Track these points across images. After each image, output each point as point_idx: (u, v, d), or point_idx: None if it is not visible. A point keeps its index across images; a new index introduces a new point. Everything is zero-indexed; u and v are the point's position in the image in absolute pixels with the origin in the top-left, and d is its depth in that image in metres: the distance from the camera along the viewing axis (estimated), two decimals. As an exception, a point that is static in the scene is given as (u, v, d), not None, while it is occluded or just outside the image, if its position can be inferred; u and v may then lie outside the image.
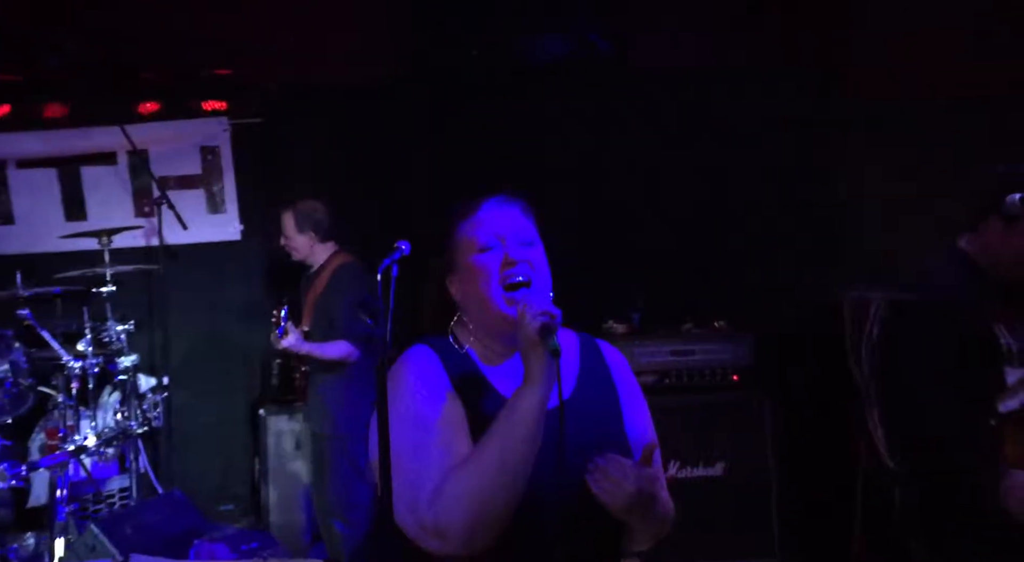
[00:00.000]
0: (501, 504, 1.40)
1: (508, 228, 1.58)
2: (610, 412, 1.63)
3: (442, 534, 1.40)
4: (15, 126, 4.48)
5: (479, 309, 1.58)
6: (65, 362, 3.55)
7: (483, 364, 1.59)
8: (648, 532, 1.59)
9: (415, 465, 1.44)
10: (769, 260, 4.34)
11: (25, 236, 4.46)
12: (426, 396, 1.51)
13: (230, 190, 4.69)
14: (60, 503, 3.55)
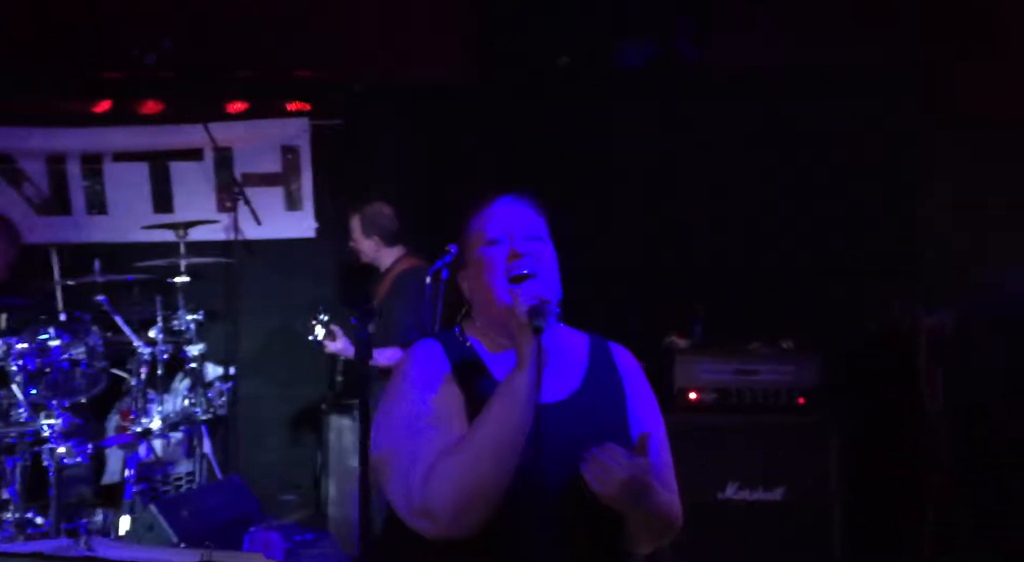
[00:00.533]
0: (489, 485, 1.41)
1: (517, 223, 1.60)
2: (615, 412, 1.62)
3: (431, 514, 1.42)
4: (113, 121, 4.72)
5: (484, 301, 1.60)
6: (136, 347, 3.71)
7: (484, 352, 1.62)
8: (647, 530, 1.57)
9: (409, 449, 1.46)
10: (845, 277, 4.14)
11: (117, 226, 4.70)
12: (424, 384, 1.54)
13: (307, 189, 4.81)
14: (128, 482, 3.72)
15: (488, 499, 1.42)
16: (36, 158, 4.61)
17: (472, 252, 1.62)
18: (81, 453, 3.24)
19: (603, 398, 1.62)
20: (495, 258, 1.58)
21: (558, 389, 1.59)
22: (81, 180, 4.67)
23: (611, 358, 1.70)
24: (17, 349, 3.36)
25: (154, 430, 3.61)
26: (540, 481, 1.48)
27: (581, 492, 1.46)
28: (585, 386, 1.62)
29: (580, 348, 1.69)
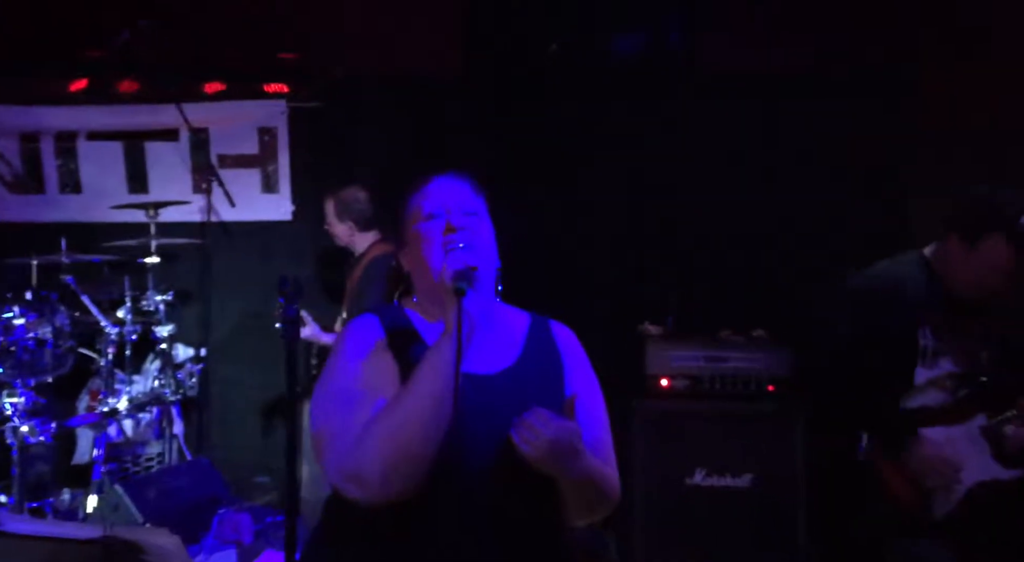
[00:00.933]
0: (416, 448, 1.43)
1: (453, 199, 1.64)
2: (552, 387, 1.64)
3: (359, 479, 1.44)
4: (90, 100, 4.68)
5: (421, 273, 1.63)
6: (104, 327, 3.69)
7: (420, 321, 1.65)
8: (579, 499, 1.59)
9: (340, 419, 1.49)
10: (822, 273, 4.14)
11: (90, 206, 4.66)
12: (356, 355, 1.57)
13: (284, 171, 4.78)
14: (97, 462, 3.71)
15: (416, 462, 1.44)
16: (9, 136, 4.57)
17: (410, 228, 1.65)
18: (45, 432, 3.23)
19: (540, 373, 1.64)
20: (432, 231, 1.60)
21: (494, 362, 1.61)
22: (55, 159, 4.63)
23: (551, 335, 1.72)
24: (-20, 327, 3.34)
25: (121, 410, 3.59)
26: (472, 453, 1.49)
27: (515, 464, 1.48)
28: (522, 360, 1.64)
29: (519, 325, 1.71)
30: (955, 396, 2.39)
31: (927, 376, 2.37)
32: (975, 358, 2.40)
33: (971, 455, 2.36)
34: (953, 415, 2.39)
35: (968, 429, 2.38)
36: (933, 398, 2.39)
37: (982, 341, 2.40)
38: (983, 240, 2.25)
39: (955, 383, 2.39)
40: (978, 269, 2.29)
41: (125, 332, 3.78)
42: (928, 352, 2.35)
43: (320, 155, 4.77)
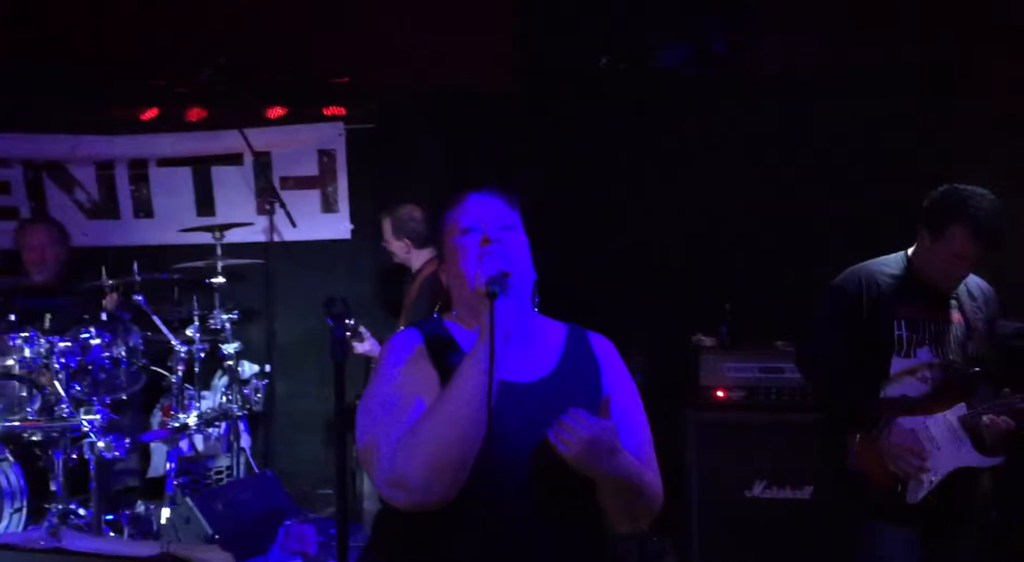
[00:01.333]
0: (455, 451, 1.47)
1: (490, 214, 1.68)
2: (590, 393, 1.67)
3: (402, 483, 1.48)
4: (161, 127, 4.90)
5: (459, 286, 1.67)
6: (174, 346, 3.85)
7: (458, 331, 1.70)
8: (620, 503, 1.60)
9: (383, 427, 1.53)
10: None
11: (162, 229, 4.88)
12: (397, 365, 1.61)
13: (343, 191, 4.92)
14: (170, 475, 3.86)
15: (457, 464, 1.47)
16: (86, 164, 4.82)
17: (447, 242, 1.70)
18: (120, 448, 3.38)
19: (578, 381, 1.67)
20: (468, 244, 1.65)
21: (532, 370, 1.65)
22: (128, 185, 4.87)
23: (588, 345, 1.74)
24: (60, 347, 3.53)
25: (191, 426, 3.74)
26: (514, 462, 1.52)
27: (556, 471, 1.51)
28: (559, 369, 1.67)
29: (557, 334, 1.74)
30: (934, 386, 2.52)
31: (904, 366, 2.51)
32: (953, 348, 2.53)
33: (949, 444, 2.47)
34: (932, 404, 2.50)
35: (947, 418, 2.48)
36: (913, 388, 2.52)
37: (960, 332, 2.54)
38: (947, 230, 2.43)
39: (934, 373, 2.52)
40: (944, 257, 2.46)
41: (194, 350, 3.93)
42: (904, 342, 2.51)
43: (376, 174, 4.90)
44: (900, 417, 2.44)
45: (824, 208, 4.28)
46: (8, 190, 4.71)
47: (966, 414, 2.46)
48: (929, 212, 2.49)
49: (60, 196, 4.78)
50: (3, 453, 3.44)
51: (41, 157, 4.74)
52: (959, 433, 2.46)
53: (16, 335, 3.51)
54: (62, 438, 3.44)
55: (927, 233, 2.49)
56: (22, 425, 3.50)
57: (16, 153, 4.70)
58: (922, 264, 2.53)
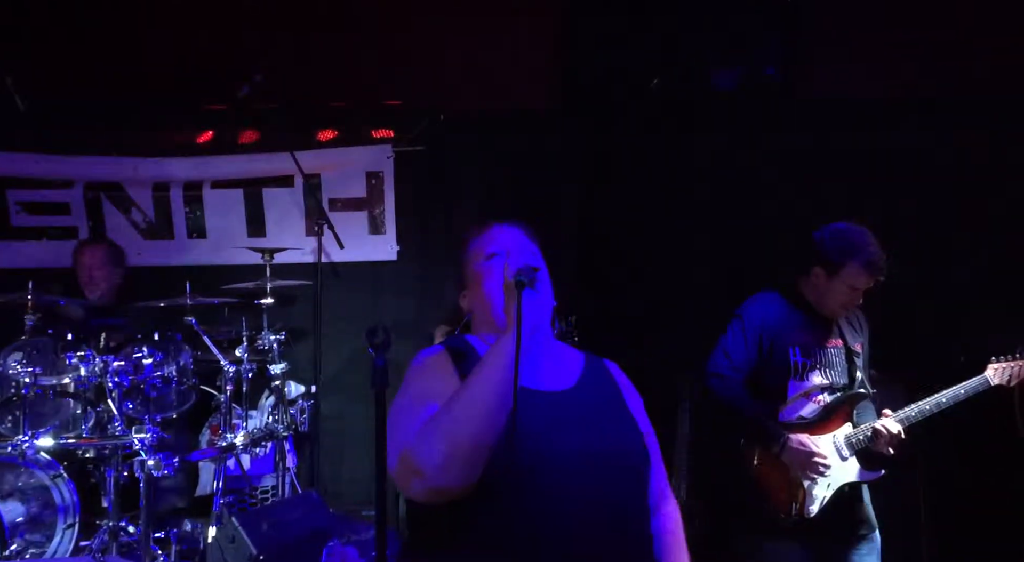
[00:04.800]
0: (474, 432, 1.49)
1: (514, 243, 1.76)
2: (615, 403, 1.75)
3: (420, 470, 1.49)
4: (214, 150, 5.01)
5: (482, 307, 1.76)
6: (223, 365, 3.91)
7: (478, 343, 1.77)
8: None
9: (404, 424, 1.57)
10: (939, 308, 3.95)
11: (214, 250, 4.97)
12: (421, 374, 1.69)
13: (390, 213, 4.97)
14: (217, 494, 3.91)
15: (473, 449, 1.49)
16: (144, 186, 4.93)
17: (471, 267, 1.79)
18: (169, 466, 3.43)
19: (600, 393, 1.74)
20: (493, 268, 1.73)
21: (557, 381, 1.70)
22: (183, 206, 4.97)
23: (605, 367, 1.83)
24: (114, 366, 3.60)
25: (238, 445, 3.78)
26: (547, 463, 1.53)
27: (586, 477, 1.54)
28: (582, 382, 1.73)
29: (575, 356, 1.82)
30: (824, 407, 2.78)
31: (799, 389, 2.77)
32: (838, 371, 2.80)
33: (837, 461, 2.73)
34: (823, 424, 2.77)
35: (835, 437, 2.76)
36: (807, 409, 2.78)
37: (842, 356, 2.82)
38: (844, 268, 2.72)
39: (823, 395, 2.78)
40: (841, 291, 2.75)
41: (242, 370, 3.98)
42: (799, 367, 2.76)
43: (423, 196, 4.93)
44: (794, 434, 2.71)
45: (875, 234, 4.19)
46: (68, 210, 4.84)
47: (851, 433, 2.76)
48: (825, 251, 2.77)
49: (118, 217, 4.89)
50: (58, 469, 3.51)
51: (101, 179, 4.86)
52: (844, 451, 2.75)
53: (72, 354, 3.60)
54: (114, 456, 3.50)
55: (822, 270, 2.77)
56: (76, 442, 3.58)
57: (77, 175, 4.83)
58: (816, 297, 2.81)
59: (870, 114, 4.32)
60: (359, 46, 4.73)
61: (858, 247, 2.73)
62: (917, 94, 4.23)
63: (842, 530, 2.73)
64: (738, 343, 2.80)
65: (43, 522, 3.49)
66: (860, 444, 2.75)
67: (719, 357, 2.83)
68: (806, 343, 2.79)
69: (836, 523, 2.70)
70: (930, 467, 3.62)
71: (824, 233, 2.82)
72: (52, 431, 3.59)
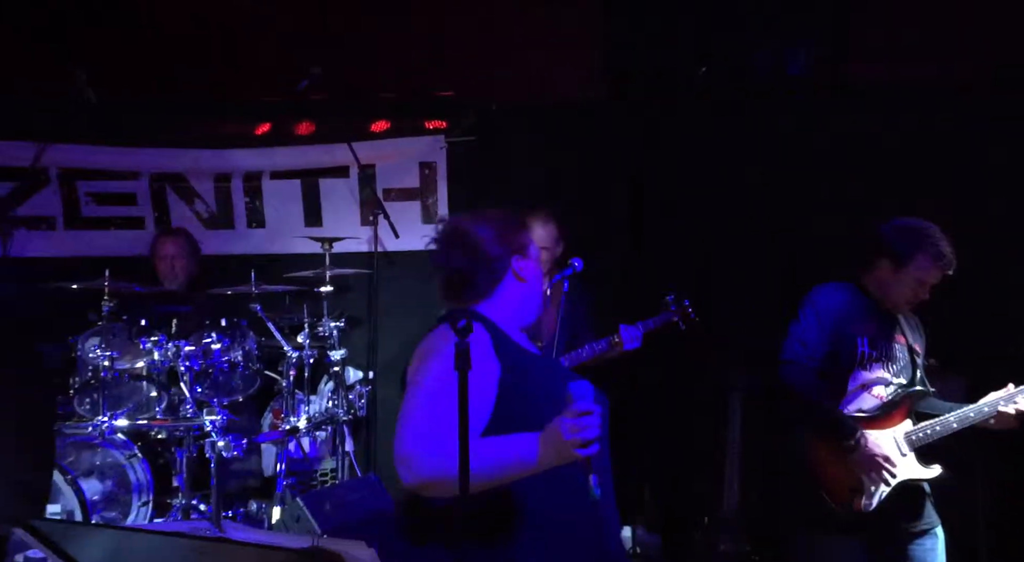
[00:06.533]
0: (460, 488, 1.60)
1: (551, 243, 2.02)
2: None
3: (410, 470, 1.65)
4: (272, 142, 5.13)
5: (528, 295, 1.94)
6: (286, 351, 4.04)
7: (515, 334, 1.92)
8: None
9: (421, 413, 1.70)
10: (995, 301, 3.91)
11: (272, 239, 5.11)
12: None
13: (443, 202, 5.05)
14: (279, 476, 4.05)
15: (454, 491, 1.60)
16: (206, 177, 5.08)
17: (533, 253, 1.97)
18: (238, 448, 3.57)
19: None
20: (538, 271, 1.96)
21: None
22: (243, 196, 5.11)
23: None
24: (185, 351, 3.75)
25: (300, 428, 3.91)
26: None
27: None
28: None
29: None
30: (884, 402, 2.77)
31: (860, 380, 2.78)
32: (900, 367, 2.81)
33: (897, 456, 2.71)
34: (883, 419, 2.76)
35: (894, 433, 2.75)
36: (867, 403, 2.77)
37: (905, 353, 2.83)
38: (913, 260, 2.72)
39: (885, 389, 2.78)
40: (908, 284, 2.75)
41: (304, 356, 4.11)
42: (864, 358, 2.77)
43: (475, 186, 5.00)
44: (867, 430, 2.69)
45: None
46: (135, 201, 5.02)
47: (912, 430, 2.74)
48: (892, 243, 2.76)
49: (181, 207, 5.05)
50: (133, 449, 3.68)
51: (165, 170, 5.02)
52: (904, 447, 2.73)
53: (146, 339, 3.75)
54: (186, 437, 3.65)
55: (889, 263, 2.76)
56: (149, 423, 3.74)
57: (143, 166, 4.99)
58: (881, 290, 2.81)
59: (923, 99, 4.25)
60: (411, 38, 4.81)
61: (927, 240, 2.72)
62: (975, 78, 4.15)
63: (902, 525, 2.73)
64: (813, 330, 2.77)
65: (119, 500, 3.67)
66: (920, 441, 2.74)
67: (794, 344, 2.79)
68: (873, 335, 2.78)
69: (896, 518, 2.70)
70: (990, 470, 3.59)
71: (892, 226, 2.81)
72: (127, 413, 3.76)
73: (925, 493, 2.79)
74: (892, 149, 4.25)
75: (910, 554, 2.72)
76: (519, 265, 1.90)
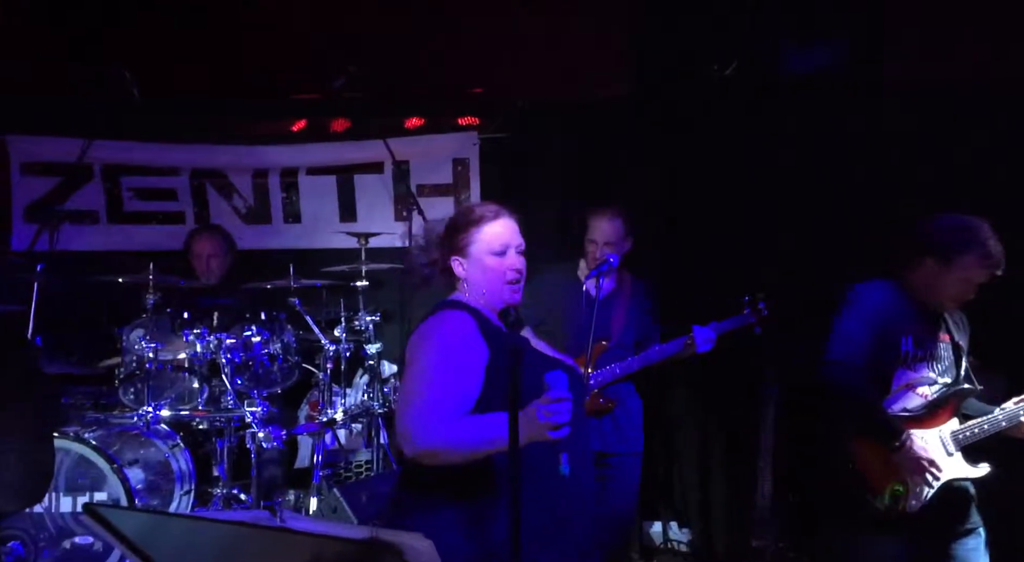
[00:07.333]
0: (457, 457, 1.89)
1: (514, 239, 2.13)
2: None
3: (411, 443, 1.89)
4: (308, 138, 5.21)
5: (482, 291, 2.11)
6: (323, 345, 4.12)
7: (494, 318, 2.11)
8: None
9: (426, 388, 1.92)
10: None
11: (308, 234, 5.20)
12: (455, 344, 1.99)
13: (475, 198, 5.08)
14: (316, 467, 4.13)
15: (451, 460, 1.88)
16: (244, 173, 5.18)
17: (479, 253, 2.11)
18: (277, 439, 3.65)
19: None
20: (497, 267, 2.10)
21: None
22: (280, 192, 5.20)
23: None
24: (227, 344, 3.84)
25: (338, 421, 3.98)
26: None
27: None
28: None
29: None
30: (930, 401, 2.75)
31: (905, 379, 2.76)
32: (945, 366, 2.79)
33: (943, 456, 2.69)
34: (928, 419, 2.74)
35: (940, 432, 2.73)
36: (910, 402, 2.76)
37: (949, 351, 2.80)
38: (959, 258, 2.67)
39: (930, 388, 2.76)
40: (954, 283, 2.70)
41: (341, 349, 4.18)
42: (909, 357, 2.74)
43: (507, 182, 5.04)
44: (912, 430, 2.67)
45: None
46: (176, 196, 5.12)
47: (958, 429, 2.73)
48: (939, 242, 2.70)
49: (220, 202, 5.15)
50: (176, 439, 3.77)
51: (205, 166, 5.12)
52: (950, 446, 2.72)
53: (189, 332, 3.85)
54: (227, 428, 3.74)
55: (934, 261, 2.71)
56: (191, 414, 3.83)
57: (183, 162, 5.10)
58: (925, 289, 2.76)
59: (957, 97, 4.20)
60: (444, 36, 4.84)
61: (975, 239, 2.67)
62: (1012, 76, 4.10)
63: (946, 525, 2.71)
64: (857, 329, 2.73)
65: (161, 489, 3.76)
66: (967, 440, 2.72)
67: (839, 343, 2.75)
68: (918, 334, 2.75)
69: (940, 518, 2.68)
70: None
71: (938, 223, 2.75)
72: (169, 403, 3.85)
73: (969, 493, 2.77)
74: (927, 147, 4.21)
75: (953, 554, 2.70)
76: (456, 263, 2.13)
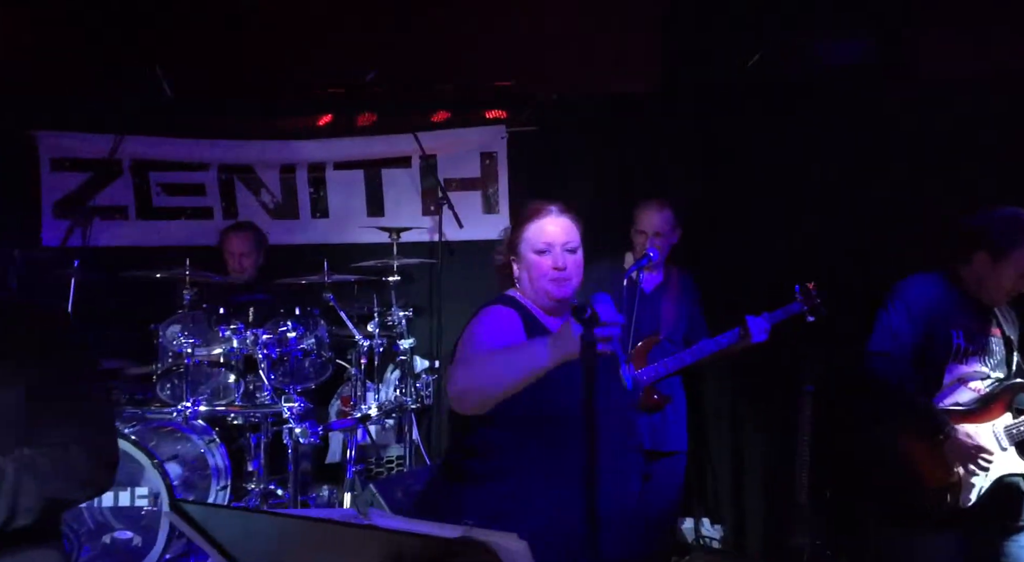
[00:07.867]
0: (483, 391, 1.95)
1: (560, 237, 2.21)
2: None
3: (449, 387, 2.04)
4: (335, 133, 5.20)
5: (533, 285, 2.25)
6: (356, 340, 4.11)
7: (541, 315, 2.26)
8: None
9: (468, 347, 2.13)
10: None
11: (335, 229, 5.19)
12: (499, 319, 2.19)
13: (503, 192, 5.07)
14: (349, 462, 4.13)
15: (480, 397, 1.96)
16: (272, 168, 5.17)
17: (526, 253, 2.25)
18: (314, 435, 3.65)
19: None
20: (542, 265, 2.21)
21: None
22: (308, 187, 5.19)
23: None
24: (263, 339, 3.83)
25: (371, 416, 3.98)
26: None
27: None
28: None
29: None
30: (982, 395, 2.73)
31: (957, 374, 2.74)
32: (997, 360, 2.76)
33: (997, 450, 2.66)
34: (980, 413, 2.71)
35: (993, 427, 2.70)
36: (963, 396, 2.74)
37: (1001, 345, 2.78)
38: (1012, 254, 2.65)
39: (982, 383, 2.73)
40: (1008, 277, 2.68)
41: (374, 345, 4.17)
42: (960, 351, 2.72)
43: (535, 176, 5.02)
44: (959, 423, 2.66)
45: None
46: (204, 192, 5.12)
47: (1012, 424, 2.69)
48: (992, 235, 2.69)
49: (248, 198, 5.14)
50: (212, 435, 3.77)
51: (233, 161, 5.11)
52: (1004, 441, 2.69)
53: (225, 327, 3.84)
54: (263, 423, 3.74)
55: (987, 255, 2.70)
56: (227, 409, 3.83)
57: (211, 158, 5.09)
58: (977, 283, 2.75)
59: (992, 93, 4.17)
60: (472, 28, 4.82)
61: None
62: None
63: (1000, 521, 2.70)
64: (903, 322, 2.74)
65: (198, 484, 3.76)
66: (1021, 435, 2.70)
67: (884, 337, 2.76)
68: (969, 328, 2.75)
69: (993, 514, 2.67)
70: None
71: (992, 216, 2.75)
72: (206, 398, 3.85)
73: (1023, 489, 2.74)
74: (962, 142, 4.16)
75: (1006, 550, 2.69)
76: (512, 260, 2.31)
